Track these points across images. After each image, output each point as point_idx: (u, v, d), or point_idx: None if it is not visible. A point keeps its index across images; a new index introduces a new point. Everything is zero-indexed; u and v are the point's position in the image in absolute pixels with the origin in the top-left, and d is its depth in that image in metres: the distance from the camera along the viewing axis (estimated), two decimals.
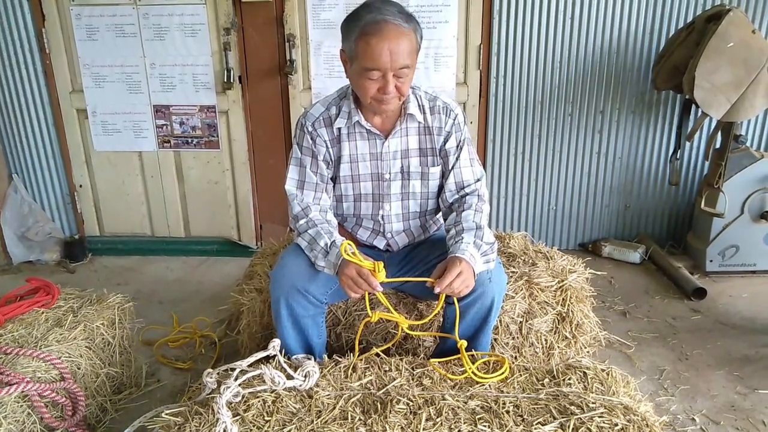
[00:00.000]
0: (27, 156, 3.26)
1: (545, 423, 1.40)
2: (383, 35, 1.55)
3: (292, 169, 1.80)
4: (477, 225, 1.70)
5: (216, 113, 3.13)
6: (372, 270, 1.56)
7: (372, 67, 1.58)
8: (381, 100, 1.64)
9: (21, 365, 1.70)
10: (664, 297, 2.80)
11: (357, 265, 1.56)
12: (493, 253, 1.70)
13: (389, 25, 1.56)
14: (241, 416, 1.43)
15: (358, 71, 1.61)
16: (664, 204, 3.27)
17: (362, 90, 1.64)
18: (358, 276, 1.56)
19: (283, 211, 3.29)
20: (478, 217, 1.73)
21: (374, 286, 1.56)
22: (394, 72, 1.59)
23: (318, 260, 1.67)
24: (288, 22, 2.95)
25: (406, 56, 1.59)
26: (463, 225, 1.69)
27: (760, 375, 2.19)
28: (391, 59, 1.56)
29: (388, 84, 1.59)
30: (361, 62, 1.59)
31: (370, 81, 1.60)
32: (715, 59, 2.55)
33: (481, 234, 1.68)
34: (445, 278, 1.55)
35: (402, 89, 1.63)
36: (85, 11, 2.99)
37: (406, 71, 1.61)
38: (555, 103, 3.09)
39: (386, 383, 1.56)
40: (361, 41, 1.57)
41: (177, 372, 2.27)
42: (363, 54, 1.57)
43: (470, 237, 1.65)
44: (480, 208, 1.76)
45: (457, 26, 2.96)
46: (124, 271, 3.18)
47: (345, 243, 1.57)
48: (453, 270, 1.56)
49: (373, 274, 1.56)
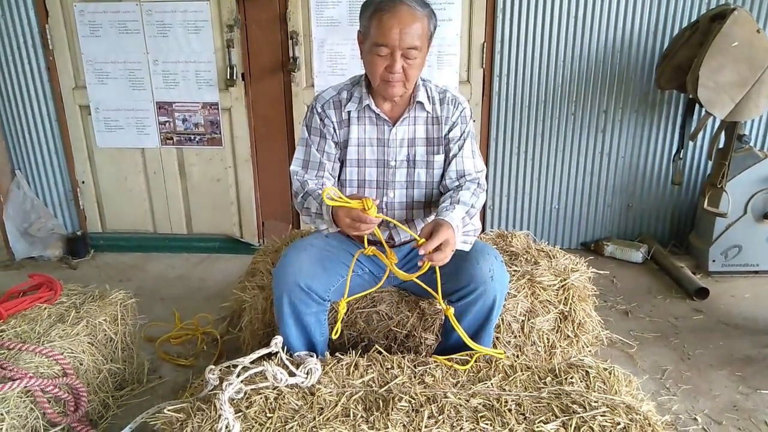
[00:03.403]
0: (30, 152, 3.26)
1: (547, 421, 1.40)
2: (395, 13, 1.60)
3: (298, 149, 1.84)
4: (471, 204, 1.73)
5: (219, 110, 3.13)
6: (362, 208, 1.54)
7: (381, 42, 1.61)
8: (388, 80, 1.66)
9: (24, 361, 1.71)
10: (666, 297, 2.79)
11: (345, 207, 1.55)
12: (474, 237, 1.74)
13: (403, 5, 1.61)
14: (243, 413, 1.43)
15: (369, 48, 1.66)
16: (666, 204, 3.26)
17: (371, 67, 1.68)
18: (352, 221, 1.55)
19: (286, 209, 3.30)
20: (473, 199, 1.75)
21: (368, 221, 1.54)
22: (402, 51, 1.62)
23: (320, 226, 1.69)
24: (291, 19, 2.95)
25: (416, 37, 1.62)
26: (459, 198, 1.72)
27: (762, 375, 2.19)
28: (400, 37, 1.60)
29: (395, 62, 1.62)
30: (372, 38, 1.63)
31: (378, 57, 1.64)
32: (719, 59, 2.55)
33: (473, 213, 1.72)
34: (432, 241, 1.54)
35: (409, 73, 1.66)
36: (89, 8, 2.99)
37: (414, 53, 1.64)
38: (558, 102, 3.08)
39: (388, 381, 1.56)
40: (374, 18, 1.62)
41: (179, 368, 2.27)
42: (374, 30, 1.62)
43: (462, 211, 1.68)
44: (477, 193, 1.78)
45: (460, 24, 2.95)
46: (126, 267, 3.18)
47: (326, 189, 1.54)
48: (441, 234, 1.55)
49: (365, 212, 1.53)
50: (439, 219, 1.63)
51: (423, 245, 1.55)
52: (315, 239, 1.80)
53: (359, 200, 1.55)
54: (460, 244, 1.66)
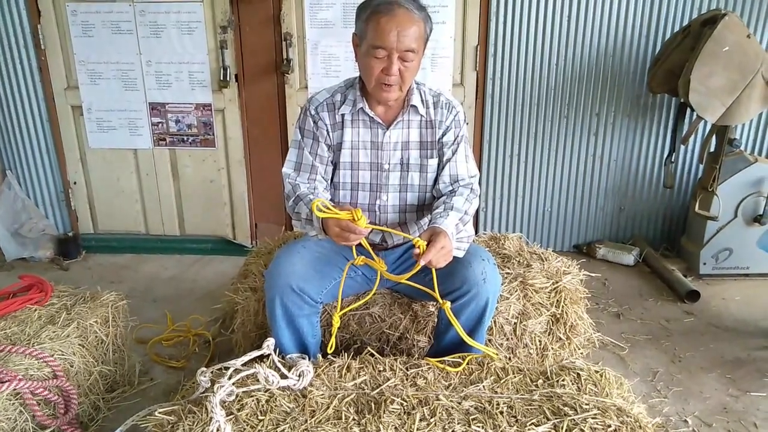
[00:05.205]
0: (21, 152, 3.24)
1: (539, 424, 1.40)
2: (393, 15, 1.61)
3: (291, 151, 1.83)
4: (464, 211, 1.73)
5: (212, 111, 3.12)
6: (351, 219, 1.55)
7: (379, 44, 1.62)
8: (384, 82, 1.66)
9: (13, 363, 1.69)
10: (657, 299, 2.81)
11: (334, 218, 1.57)
12: (467, 243, 1.75)
13: (401, 8, 1.62)
14: (234, 415, 1.43)
15: (366, 50, 1.66)
16: (658, 207, 3.28)
17: (367, 70, 1.68)
18: (341, 231, 1.56)
19: (279, 211, 3.29)
20: (467, 205, 1.75)
21: (358, 232, 1.55)
22: (399, 53, 1.62)
23: (309, 232, 1.70)
24: (285, 20, 2.95)
25: (413, 40, 1.63)
26: (453, 205, 1.72)
27: (752, 377, 2.20)
28: (398, 39, 1.61)
29: (392, 65, 1.63)
30: (369, 40, 1.64)
31: (375, 60, 1.64)
32: (710, 63, 2.57)
33: (466, 219, 1.73)
34: (430, 250, 1.55)
35: (405, 75, 1.66)
36: (81, 8, 2.98)
37: (411, 56, 1.64)
38: (551, 105, 3.09)
39: (380, 383, 1.56)
40: (371, 20, 1.63)
41: (170, 371, 2.26)
42: (372, 32, 1.62)
43: (455, 218, 1.68)
44: (470, 199, 1.78)
45: (454, 27, 2.96)
46: (118, 268, 3.17)
47: (316, 201, 1.56)
48: (438, 243, 1.56)
49: (354, 222, 1.55)
50: (434, 226, 1.63)
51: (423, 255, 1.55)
52: (307, 242, 1.80)
53: (348, 211, 1.56)
54: (454, 251, 1.66)
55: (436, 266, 1.59)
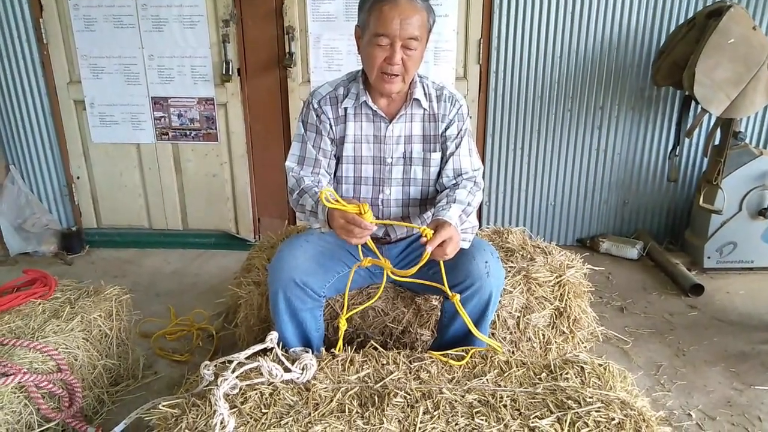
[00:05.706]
0: (24, 147, 3.24)
1: (542, 417, 1.40)
2: (396, 4, 1.60)
3: (294, 145, 1.83)
4: (467, 202, 1.72)
5: (214, 105, 3.12)
6: (358, 213, 1.55)
7: (381, 32, 1.61)
8: (387, 71, 1.65)
9: (18, 356, 1.70)
10: (661, 293, 2.80)
11: (341, 210, 1.56)
12: (471, 235, 1.74)
13: None
14: (238, 408, 1.43)
15: (368, 40, 1.65)
16: (662, 200, 3.27)
17: (370, 60, 1.67)
18: (346, 222, 1.56)
19: (282, 205, 3.29)
20: (470, 197, 1.75)
21: (364, 227, 1.55)
22: (402, 41, 1.62)
23: (313, 224, 1.69)
24: (287, 14, 2.94)
25: (416, 28, 1.62)
26: (456, 197, 1.71)
27: (756, 371, 2.20)
28: (400, 27, 1.60)
29: (395, 53, 1.62)
30: (372, 29, 1.63)
31: (378, 48, 1.63)
32: (715, 56, 2.55)
33: (469, 211, 1.72)
34: (436, 238, 1.55)
35: (408, 65, 1.65)
36: (83, 2, 2.97)
37: (414, 44, 1.63)
38: (555, 99, 3.08)
39: (384, 376, 1.56)
40: (374, 9, 1.62)
41: (174, 364, 2.27)
42: (374, 20, 1.62)
43: (458, 210, 1.68)
44: (474, 191, 1.78)
45: (457, 20, 2.95)
46: (121, 263, 3.17)
47: (324, 191, 1.55)
48: (444, 232, 1.56)
49: (361, 216, 1.55)
50: (439, 218, 1.63)
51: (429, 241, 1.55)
52: (311, 235, 1.80)
53: (356, 205, 1.56)
54: (460, 242, 1.66)
55: (443, 257, 1.59)
